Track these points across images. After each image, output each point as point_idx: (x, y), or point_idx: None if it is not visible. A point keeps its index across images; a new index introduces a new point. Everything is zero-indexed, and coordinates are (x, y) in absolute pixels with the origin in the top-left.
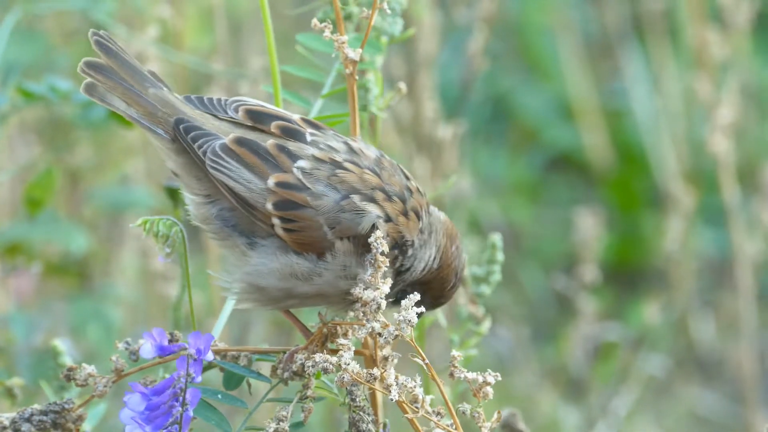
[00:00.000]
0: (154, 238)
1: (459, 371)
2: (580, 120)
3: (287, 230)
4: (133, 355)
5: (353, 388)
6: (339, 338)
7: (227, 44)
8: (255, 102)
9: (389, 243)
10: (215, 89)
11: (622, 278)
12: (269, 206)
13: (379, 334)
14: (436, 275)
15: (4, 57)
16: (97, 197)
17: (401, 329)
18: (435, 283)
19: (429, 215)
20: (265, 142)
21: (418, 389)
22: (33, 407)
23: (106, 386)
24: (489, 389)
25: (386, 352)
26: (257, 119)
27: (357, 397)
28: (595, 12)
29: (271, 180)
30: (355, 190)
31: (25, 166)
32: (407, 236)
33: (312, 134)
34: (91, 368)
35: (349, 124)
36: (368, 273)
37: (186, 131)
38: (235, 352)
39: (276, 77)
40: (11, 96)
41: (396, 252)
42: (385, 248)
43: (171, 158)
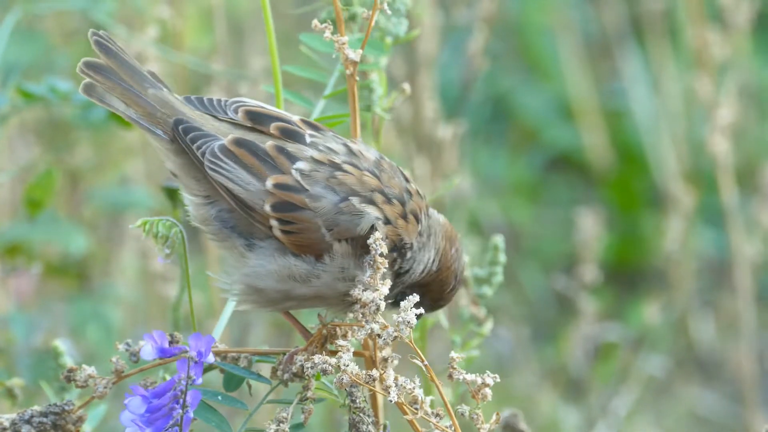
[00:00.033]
0: (154, 239)
1: (458, 373)
2: (580, 120)
3: (285, 232)
4: (134, 357)
5: (353, 390)
6: (338, 340)
7: (227, 44)
8: (255, 103)
9: (388, 245)
10: (215, 90)
11: (622, 278)
12: (267, 208)
13: (378, 336)
14: (436, 277)
15: (4, 57)
16: (97, 198)
17: (400, 331)
18: (434, 286)
19: (428, 218)
20: (264, 144)
21: (418, 390)
22: (33, 408)
23: (107, 387)
24: (488, 390)
25: (386, 354)
26: (257, 120)
27: (357, 399)
28: (595, 12)
29: (270, 181)
30: (354, 192)
31: (25, 167)
32: (406, 239)
33: (311, 136)
34: (92, 369)
35: (350, 125)
36: (367, 274)
37: (185, 132)
38: (235, 354)
39: (277, 77)
40: (11, 96)
41: (395, 255)
42: (384, 250)
43: (170, 159)
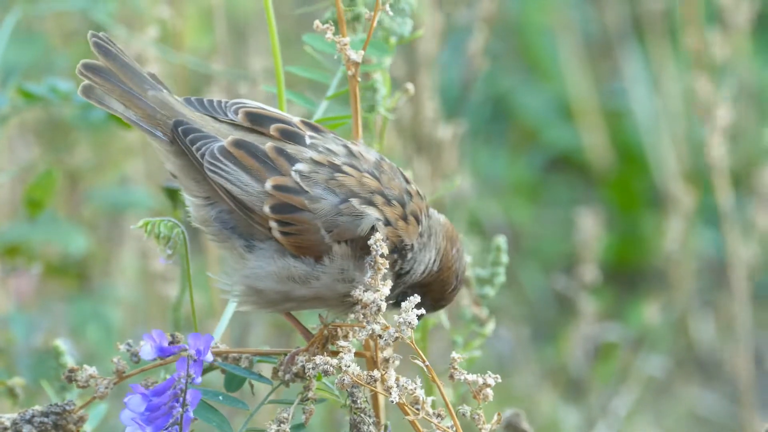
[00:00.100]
0: (156, 240)
1: (459, 373)
2: (580, 120)
3: (284, 233)
4: (135, 357)
5: (354, 390)
6: (340, 340)
7: (227, 45)
8: (255, 104)
9: (388, 246)
10: (215, 90)
11: (622, 278)
12: (266, 209)
13: (380, 336)
14: (437, 278)
15: (4, 58)
16: (97, 198)
17: (401, 331)
18: (435, 286)
19: (428, 218)
20: (264, 145)
21: (419, 391)
22: (34, 408)
23: (108, 388)
24: (489, 391)
25: (387, 354)
26: (257, 122)
27: (358, 399)
28: (595, 12)
29: (269, 183)
30: (354, 194)
31: (25, 167)
32: (406, 241)
33: (311, 137)
34: (93, 369)
35: (351, 126)
36: (368, 275)
37: (184, 133)
38: (237, 354)
39: (280, 78)
40: (11, 97)
41: (395, 256)
42: (385, 250)
43: (170, 160)
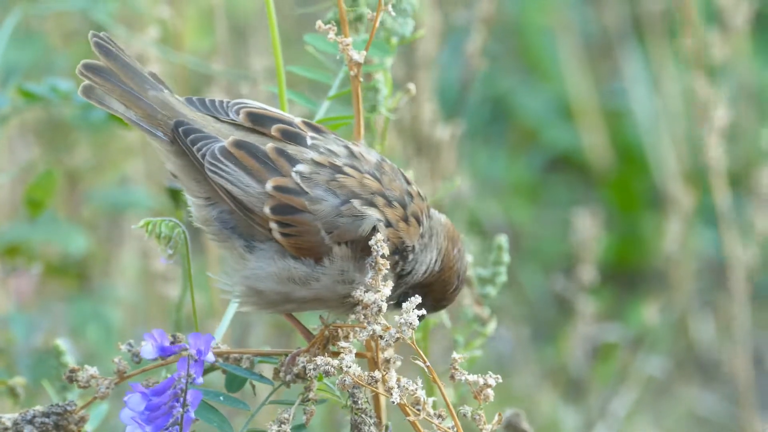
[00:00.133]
0: (156, 240)
1: (460, 373)
2: (580, 120)
3: (285, 234)
4: (136, 357)
5: (355, 391)
6: (340, 341)
7: (227, 45)
8: (256, 104)
9: (389, 248)
10: (215, 90)
11: (622, 279)
12: (267, 210)
13: (381, 337)
14: (438, 278)
15: (4, 58)
16: (97, 198)
17: (402, 332)
18: (437, 286)
19: (429, 219)
20: (265, 146)
21: (420, 391)
22: (35, 408)
23: (109, 388)
24: (490, 391)
25: (388, 355)
26: (258, 122)
27: (359, 400)
28: (595, 12)
29: (270, 184)
30: (355, 195)
31: (25, 167)
32: (407, 242)
33: (312, 138)
34: (94, 370)
35: (353, 127)
36: (369, 276)
37: (185, 134)
38: (238, 355)
39: (281, 78)
40: (12, 97)
41: (396, 257)
42: (386, 251)
43: (171, 160)
